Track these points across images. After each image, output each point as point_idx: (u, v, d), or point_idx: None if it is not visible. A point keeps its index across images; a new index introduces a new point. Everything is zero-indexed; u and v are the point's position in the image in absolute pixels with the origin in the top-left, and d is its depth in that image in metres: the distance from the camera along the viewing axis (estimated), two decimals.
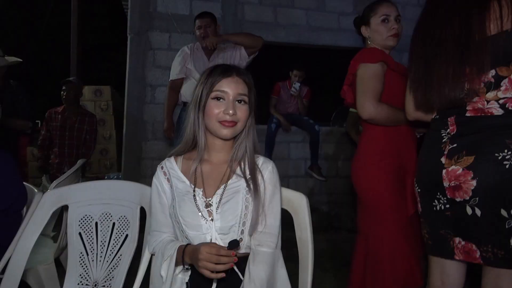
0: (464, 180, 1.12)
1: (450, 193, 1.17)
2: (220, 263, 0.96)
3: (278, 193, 1.16)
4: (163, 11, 4.18)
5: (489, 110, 1.13)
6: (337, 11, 4.64)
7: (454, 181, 1.15)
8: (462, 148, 1.15)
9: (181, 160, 1.19)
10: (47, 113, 3.67)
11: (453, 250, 1.20)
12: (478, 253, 1.14)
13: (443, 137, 1.22)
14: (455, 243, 1.19)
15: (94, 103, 5.44)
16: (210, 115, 1.11)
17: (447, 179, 1.17)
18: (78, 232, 1.36)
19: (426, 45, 1.24)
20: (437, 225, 1.23)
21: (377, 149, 1.69)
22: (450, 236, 1.20)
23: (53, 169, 3.57)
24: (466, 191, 1.13)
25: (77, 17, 5.83)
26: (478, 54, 1.11)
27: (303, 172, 4.38)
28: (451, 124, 1.20)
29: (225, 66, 1.16)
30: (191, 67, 2.97)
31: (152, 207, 1.20)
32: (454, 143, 1.17)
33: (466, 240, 1.16)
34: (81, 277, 1.34)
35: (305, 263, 1.22)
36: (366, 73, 1.67)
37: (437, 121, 1.27)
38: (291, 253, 1.48)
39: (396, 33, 1.75)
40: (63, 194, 1.39)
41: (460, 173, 1.13)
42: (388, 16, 1.76)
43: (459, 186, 1.14)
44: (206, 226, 1.09)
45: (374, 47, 1.78)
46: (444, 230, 1.21)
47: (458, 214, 1.17)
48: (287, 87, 4.15)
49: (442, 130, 1.23)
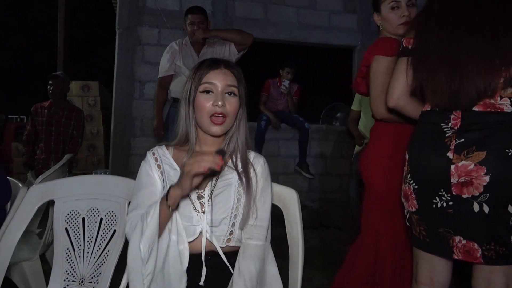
0: (477, 175, 1.10)
1: (457, 190, 1.14)
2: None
3: (269, 187, 1.15)
4: (152, 6, 4.13)
5: (500, 106, 1.12)
6: (328, 9, 4.66)
7: (465, 177, 1.12)
8: (471, 143, 1.12)
9: (172, 149, 1.17)
10: (32, 108, 3.60)
11: (452, 249, 1.17)
12: (479, 252, 1.13)
13: (445, 131, 1.17)
14: (454, 242, 1.16)
15: (81, 98, 5.37)
16: (200, 109, 1.09)
17: (456, 175, 1.13)
18: (64, 227, 1.33)
19: (449, 29, 1.17)
20: (436, 223, 1.19)
21: (389, 143, 1.63)
22: (450, 234, 1.17)
23: (38, 165, 3.51)
24: (477, 187, 1.10)
25: (64, 10, 5.73)
26: (506, 48, 1.10)
27: (293, 170, 4.38)
28: (454, 118, 1.16)
29: (213, 59, 1.15)
30: (180, 63, 2.94)
31: (137, 184, 1.14)
32: (461, 138, 1.14)
33: (468, 239, 1.14)
34: (67, 273, 1.32)
35: (295, 259, 1.22)
36: (379, 67, 1.57)
37: (434, 114, 1.22)
38: (280, 249, 1.48)
39: (407, 21, 1.59)
40: (49, 189, 1.36)
41: (472, 168, 1.11)
42: (398, 2, 1.63)
43: (470, 182, 1.11)
44: (197, 218, 1.08)
45: (390, 37, 1.66)
46: (443, 228, 1.18)
47: (462, 212, 1.14)
48: (277, 85, 4.15)
49: (442, 123, 1.19)
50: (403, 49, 1.32)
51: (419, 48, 1.25)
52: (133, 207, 1.10)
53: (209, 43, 2.97)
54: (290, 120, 4.19)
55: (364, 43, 4.73)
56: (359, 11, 4.74)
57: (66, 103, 3.67)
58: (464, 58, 1.13)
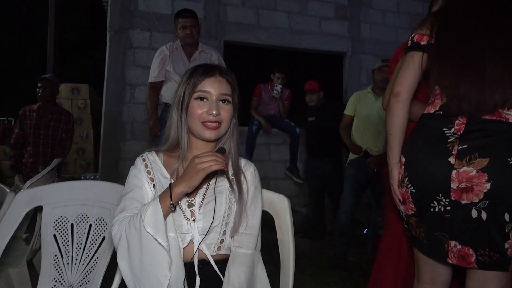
0: (478, 182, 1.11)
1: (456, 195, 1.14)
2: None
3: (259, 195, 1.15)
4: (144, 9, 4.12)
5: (506, 116, 1.13)
6: (319, 15, 4.70)
7: (465, 183, 1.12)
8: (473, 150, 1.12)
9: (163, 155, 1.16)
10: (21, 110, 3.55)
11: (446, 253, 1.18)
12: (474, 257, 1.14)
13: (447, 136, 1.17)
14: (450, 246, 1.17)
15: (71, 101, 5.31)
16: (193, 116, 1.09)
17: (456, 180, 1.13)
18: (52, 234, 1.32)
19: (474, 37, 1.17)
20: (433, 226, 1.20)
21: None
22: (446, 239, 1.18)
23: (26, 168, 3.45)
24: (477, 194, 1.11)
25: (55, 11, 5.67)
26: None
27: (283, 174, 4.39)
28: (458, 123, 1.16)
29: (208, 65, 1.14)
30: (170, 69, 2.93)
31: (126, 187, 1.11)
32: (464, 144, 1.14)
33: (463, 244, 1.15)
34: (55, 280, 1.30)
35: (286, 265, 1.22)
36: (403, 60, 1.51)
37: (438, 118, 1.21)
38: (270, 255, 1.47)
39: None
40: (37, 194, 1.34)
41: (473, 175, 1.11)
42: None
43: (470, 188, 1.12)
44: (187, 226, 1.06)
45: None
46: (439, 232, 1.19)
47: (459, 217, 1.14)
48: (268, 89, 4.16)
49: (444, 128, 1.18)
50: (413, 43, 1.30)
51: (440, 49, 1.23)
52: (120, 210, 1.06)
53: (201, 47, 2.98)
54: (281, 125, 4.20)
55: (354, 49, 4.78)
56: (350, 18, 4.80)
57: (55, 106, 3.62)
58: (489, 68, 1.14)
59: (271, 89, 4.12)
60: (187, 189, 0.98)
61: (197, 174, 0.96)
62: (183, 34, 2.89)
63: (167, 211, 0.99)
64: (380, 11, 4.93)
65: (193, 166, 0.96)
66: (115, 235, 1.02)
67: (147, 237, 0.96)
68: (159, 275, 0.96)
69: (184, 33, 2.88)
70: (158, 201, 0.98)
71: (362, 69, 4.83)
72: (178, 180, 1.00)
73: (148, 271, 0.97)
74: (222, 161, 0.96)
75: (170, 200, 0.98)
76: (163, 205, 0.98)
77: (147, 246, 0.96)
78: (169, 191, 0.98)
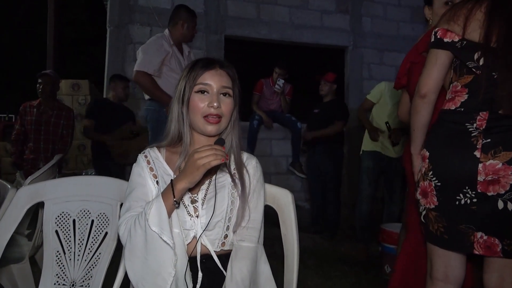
0: (504, 174, 1.17)
1: (483, 187, 1.19)
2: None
3: (262, 188, 1.14)
4: (144, 4, 4.10)
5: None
6: (320, 9, 4.67)
7: (492, 175, 1.18)
8: (497, 144, 1.18)
9: (164, 151, 1.15)
10: (21, 107, 3.54)
11: (472, 244, 1.23)
12: (499, 247, 1.20)
13: (470, 131, 1.22)
14: (476, 237, 1.22)
15: (71, 97, 5.30)
16: (195, 110, 1.08)
17: (483, 173, 1.19)
18: (54, 229, 1.31)
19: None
20: (457, 219, 1.24)
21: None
22: (472, 231, 1.23)
23: (27, 165, 3.45)
24: (504, 186, 1.17)
25: (54, 8, 5.65)
26: None
27: (285, 169, 4.39)
28: (480, 119, 1.21)
29: (208, 59, 1.14)
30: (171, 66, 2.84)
31: (129, 186, 1.11)
32: (487, 138, 1.19)
33: (489, 235, 1.21)
34: (57, 276, 1.29)
35: (290, 260, 1.21)
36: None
37: (459, 114, 1.26)
38: (273, 249, 1.47)
39: None
40: (39, 190, 1.33)
41: (500, 167, 1.17)
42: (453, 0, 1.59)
43: (497, 180, 1.17)
44: (191, 223, 1.06)
45: None
46: (464, 225, 1.23)
47: (485, 209, 1.20)
48: (270, 84, 4.14)
49: (467, 123, 1.23)
50: (437, 40, 1.29)
51: (484, 46, 1.22)
52: (125, 209, 1.07)
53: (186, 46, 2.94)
54: (282, 120, 4.19)
55: (356, 43, 4.75)
56: (351, 12, 4.76)
57: (55, 102, 3.61)
58: None
59: (272, 84, 4.10)
60: (188, 185, 0.98)
61: (198, 170, 0.95)
62: (190, 34, 2.86)
63: (171, 208, 0.99)
64: (382, 5, 4.89)
65: (193, 162, 0.95)
66: (122, 235, 1.03)
67: (152, 235, 0.96)
68: (163, 272, 0.96)
69: (192, 32, 2.87)
70: (161, 199, 0.98)
71: (363, 63, 4.80)
72: (179, 176, 0.99)
73: (153, 268, 0.97)
74: (222, 153, 0.94)
75: (173, 197, 0.97)
76: (167, 203, 0.98)
77: (153, 244, 0.96)
78: (171, 188, 0.98)
